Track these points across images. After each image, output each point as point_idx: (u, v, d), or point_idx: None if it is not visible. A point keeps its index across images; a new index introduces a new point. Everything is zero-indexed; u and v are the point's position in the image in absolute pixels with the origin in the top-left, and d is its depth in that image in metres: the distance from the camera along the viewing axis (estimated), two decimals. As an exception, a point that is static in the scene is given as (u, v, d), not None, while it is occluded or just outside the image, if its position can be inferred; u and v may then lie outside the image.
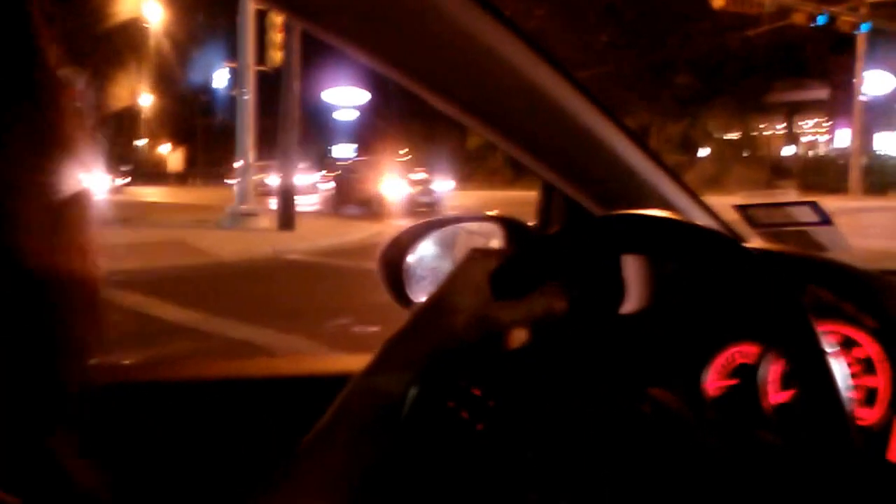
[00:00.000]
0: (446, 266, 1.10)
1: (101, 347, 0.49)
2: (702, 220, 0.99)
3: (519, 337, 0.76)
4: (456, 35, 0.82)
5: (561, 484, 0.68)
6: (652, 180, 0.97)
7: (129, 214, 15.15)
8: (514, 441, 0.69)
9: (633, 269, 0.92)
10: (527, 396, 0.72)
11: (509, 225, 1.14)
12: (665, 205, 0.97)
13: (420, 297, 1.01)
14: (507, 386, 0.73)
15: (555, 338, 0.77)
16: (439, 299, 0.75)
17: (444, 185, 20.11)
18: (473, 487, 0.69)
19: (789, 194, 1.16)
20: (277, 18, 13.08)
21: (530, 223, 1.15)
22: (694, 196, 1.01)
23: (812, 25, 20.35)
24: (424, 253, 1.12)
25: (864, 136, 24.23)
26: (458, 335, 0.72)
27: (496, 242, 1.12)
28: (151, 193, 27.94)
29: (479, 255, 0.76)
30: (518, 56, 0.86)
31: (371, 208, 17.66)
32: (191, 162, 47.76)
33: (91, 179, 0.50)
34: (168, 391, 1.05)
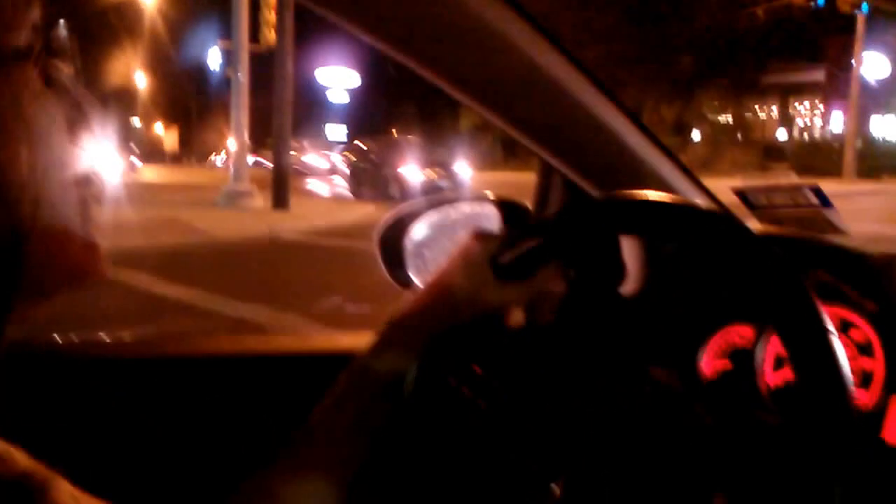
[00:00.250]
0: (444, 247, 1.10)
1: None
2: (701, 201, 0.99)
3: (520, 316, 0.77)
4: (457, 13, 0.82)
5: (563, 461, 0.68)
6: (651, 162, 0.97)
7: (131, 194, 15.14)
8: (517, 418, 0.70)
9: (631, 249, 0.92)
10: (529, 375, 0.73)
11: (507, 206, 1.14)
12: (664, 186, 0.97)
13: (418, 277, 1.01)
14: (509, 364, 0.73)
15: (555, 318, 0.77)
16: (441, 280, 0.75)
17: (465, 170, 19.37)
18: (476, 464, 0.70)
19: (786, 177, 1.16)
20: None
21: (528, 204, 1.15)
22: (692, 178, 1.01)
23: (810, 4, 20.30)
24: (421, 233, 1.12)
25: (859, 120, 24.23)
26: (459, 315, 0.73)
27: (494, 223, 1.12)
28: (149, 173, 27.77)
29: (479, 236, 0.76)
30: (519, 35, 0.86)
31: (391, 192, 17.34)
32: (184, 142, 47.54)
33: (106, 159, 0.50)
34: (166, 368, 1.05)
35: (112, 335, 1.21)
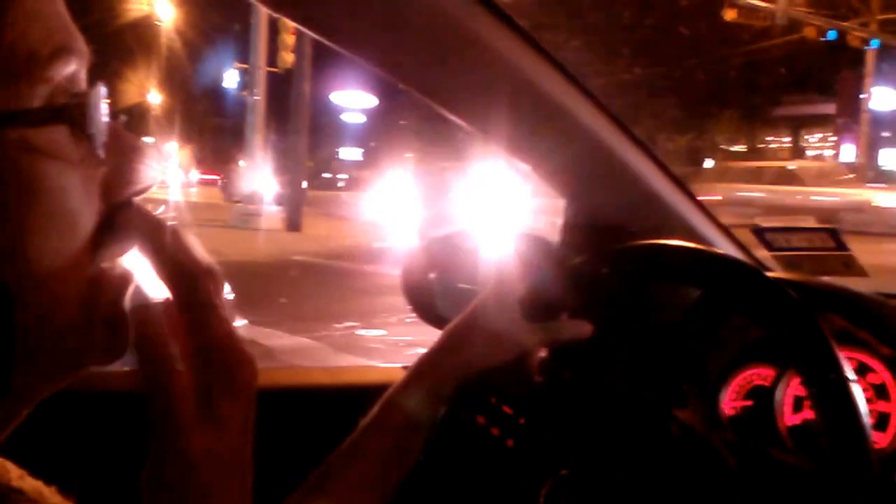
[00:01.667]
0: (470, 283, 1.12)
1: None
2: (724, 246, 1.02)
3: (547, 357, 0.79)
4: (486, 57, 0.84)
5: (589, 501, 0.71)
6: (675, 205, 1.00)
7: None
8: (544, 458, 0.72)
9: (656, 293, 0.95)
10: (556, 415, 0.75)
11: (533, 242, 1.17)
12: (688, 230, 0.99)
13: (446, 313, 1.04)
14: (537, 405, 0.76)
15: (582, 359, 0.80)
16: (470, 319, 0.77)
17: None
18: (500, 500, 0.72)
19: (804, 220, 1.18)
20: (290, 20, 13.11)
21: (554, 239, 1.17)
22: (716, 221, 1.04)
23: (821, 40, 20.35)
24: (447, 270, 1.14)
25: (869, 152, 24.18)
26: (488, 355, 0.75)
27: (520, 258, 1.15)
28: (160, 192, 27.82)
29: (508, 276, 0.79)
30: (539, 72, 0.88)
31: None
32: (199, 161, 47.81)
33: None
34: None
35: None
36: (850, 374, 0.56)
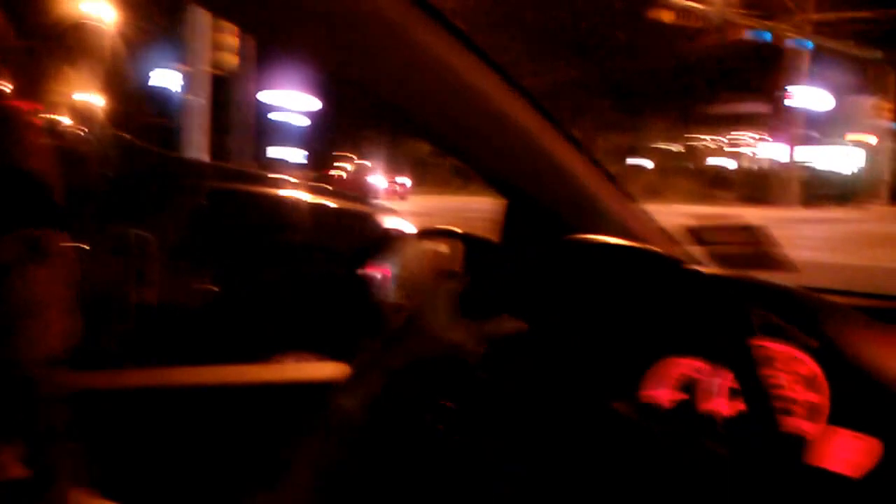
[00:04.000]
0: (409, 282, 1.13)
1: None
2: (657, 242, 1.04)
3: (487, 353, 0.80)
4: (420, 55, 0.85)
5: (534, 491, 0.72)
6: (610, 203, 1.02)
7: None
8: (489, 451, 0.73)
9: (591, 288, 0.97)
10: (497, 408, 0.76)
11: (472, 242, 1.18)
12: (622, 227, 1.02)
13: (385, 308, 1.04)
14: (479, 398, 0.76)
15: (520, 353, 0.81)
16: (413, 316, 0.78)
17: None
18: (449, 496, 0.72)
19: (730, 206, 1.22)
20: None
21: (491, 238, 1.19)
22: (649, 218, 1.06)
23: (755, 41, 21.01)
24: (388, 265, 1.15)
25: (797, 150, 25.10)
26: (430, 352, 0.76)
27: (457, 258, 1.16)
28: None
29: (449, 275, 0.80)
30: (473, 71, 0.89)
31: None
32: (137, 163, 46.61)
33: None
34: (144, 398, 1.05)
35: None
36: (769, 365, 0.58)
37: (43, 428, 0.54)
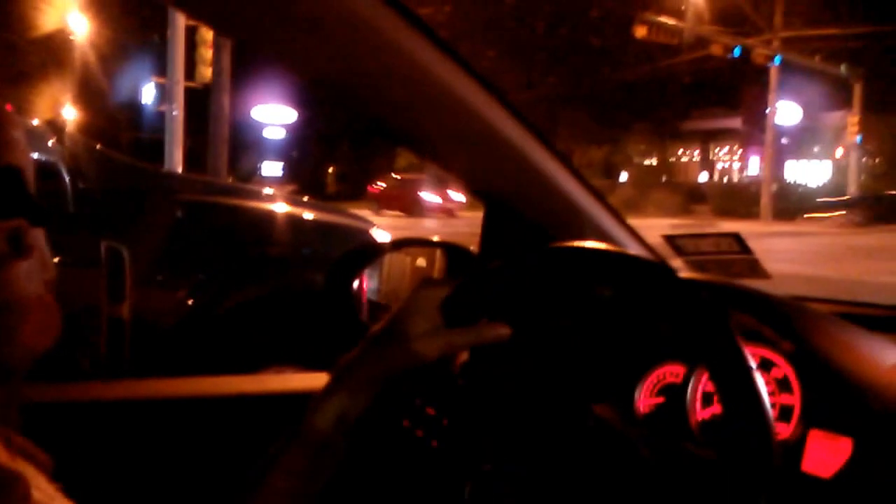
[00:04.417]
0: (392, 290, 1.13)
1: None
2: (634, 249, 1.06)
3: (468, 360, 0.80)
4: (401, 63, 0.86)
5: (514, 497, 0.72)
6: (590, 210, 1.03)
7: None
8: (468, 457, 0.73)
9: (573, 294, 0.98)
10: (478, 415, 0.76)
11: (453, 251, 1.18)
12: (601, 233, 1.03)
13: (369, 321, 1.04)
14: (460, 405, 0.77)
15: (501, 360, 0.81)
16: (392, 324, 0.78)
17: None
18: (428, 502, 0.72)
19: (710, 224, 1.24)
20: (208, 35, 12.85)
21: (472, 248, 1.19)
22: (627, 226, 1.08)
23: (728, 57, 21.32)
24: (370, 277, 1.15)
25: (774, 164, 25.46)
26: (411, 359, 0.76)
27: (438, 267, 1.16)
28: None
29: (429, 282, 0.80)
30: (465, 88, 0.90)
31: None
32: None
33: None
34: (119, 410, 1.04)
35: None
36: (754, 366, 0.59)
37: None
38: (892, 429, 0.73)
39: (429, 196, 22.99)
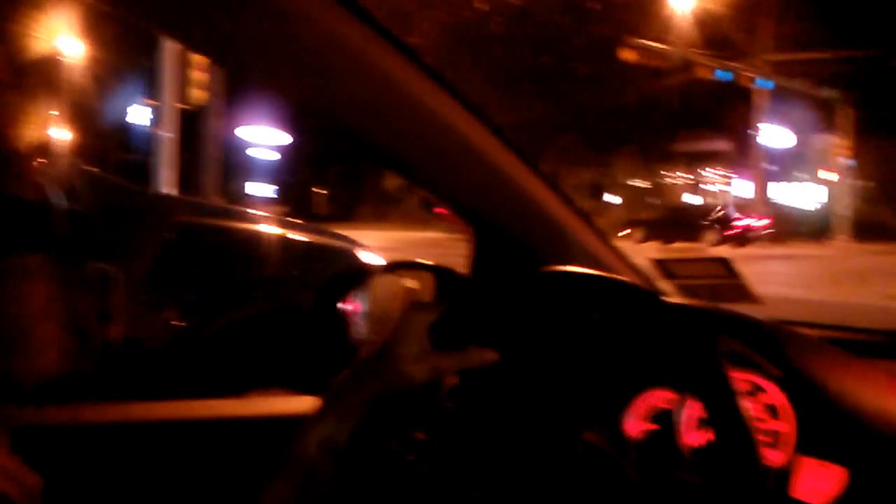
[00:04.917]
0: (379, 314, 1.12)
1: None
2: (625, 274, 1.06)
3: (457, 384, 0.80)
4: (388, 87, 0.86)
5: None
6: (579, 235, 1.03)
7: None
8: (457, 481, 0.72)
9: (562, 319, 0.98)
10: (468, 439, 0.75)
11: (442, 273, 1.18)
12: (591, 258, 1.03)
13: (359, 344, 1.03)
14: (449, 430, 0.76)
15: (491, 384, 0.81)
16: (382, 348, 0.78)
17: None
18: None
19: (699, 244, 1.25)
20: (199, 57, 12.91)
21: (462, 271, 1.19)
22: (614, 249, 1.08)
23: (715, 80, 21.52)
24: (359, 299, 1.14)
25: (764, 187, 25.63)
26: (400, 383, 0.76)
27: (427, 290, 1.16)
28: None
29: (418, 306, 0.80)
30: (453, 113, 0.91)
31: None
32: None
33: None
34: (107, 433, 1.03)
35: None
36: (739, 393, 0.59)
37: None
38: (885, 456, 0.72)
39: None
